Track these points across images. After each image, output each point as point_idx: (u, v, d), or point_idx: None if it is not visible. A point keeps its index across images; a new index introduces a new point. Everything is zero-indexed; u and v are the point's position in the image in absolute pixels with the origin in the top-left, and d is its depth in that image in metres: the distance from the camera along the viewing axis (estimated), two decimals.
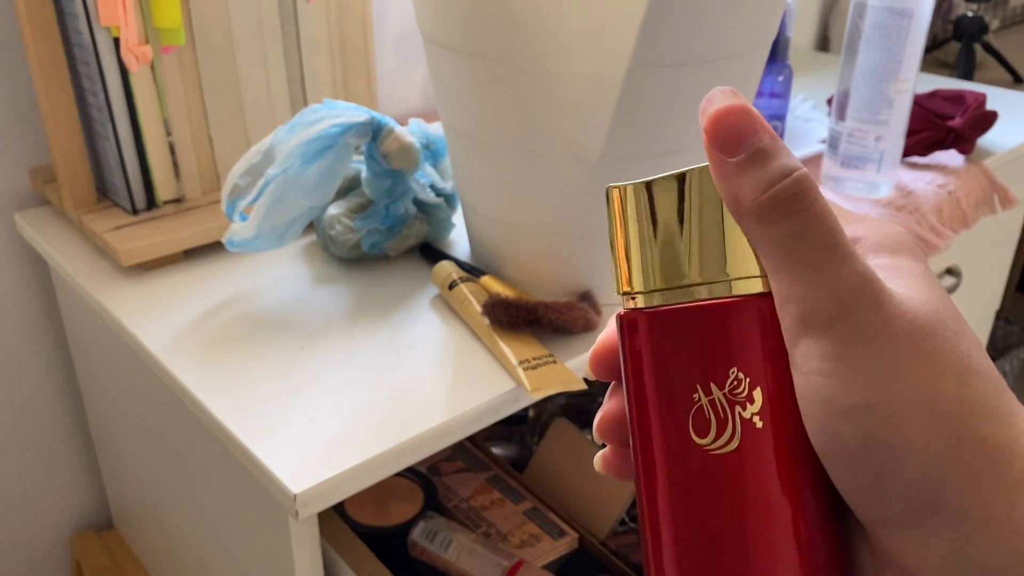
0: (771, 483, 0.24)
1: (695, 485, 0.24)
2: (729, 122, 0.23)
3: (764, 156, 0.23)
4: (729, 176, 0.23)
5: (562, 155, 0.63)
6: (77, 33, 0.72)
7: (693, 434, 0.24)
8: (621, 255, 0.26)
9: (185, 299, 0.72)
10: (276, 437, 0.57)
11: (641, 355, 0.25)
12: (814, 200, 0.22)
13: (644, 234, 0.25)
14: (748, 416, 0.24)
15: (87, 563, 0.95)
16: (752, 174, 0.23)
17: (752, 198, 0.23)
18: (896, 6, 0.87)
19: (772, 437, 0.24)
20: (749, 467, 0.24)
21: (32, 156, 0.86)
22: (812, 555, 0.24)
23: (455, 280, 0.70)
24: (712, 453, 0.24)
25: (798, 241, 0.22)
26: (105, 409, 0.88)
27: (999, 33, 2.04)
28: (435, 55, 0.67)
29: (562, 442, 0.89)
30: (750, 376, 0.24)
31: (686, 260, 0.24)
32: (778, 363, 0.24)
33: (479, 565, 0.75)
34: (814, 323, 0.22)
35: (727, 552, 0.24)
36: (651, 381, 0.25)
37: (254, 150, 0.70)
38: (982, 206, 1.05)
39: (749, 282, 0.24)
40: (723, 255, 0.24)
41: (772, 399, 0.24)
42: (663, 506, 0.25)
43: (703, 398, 0.24)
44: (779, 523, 0.24)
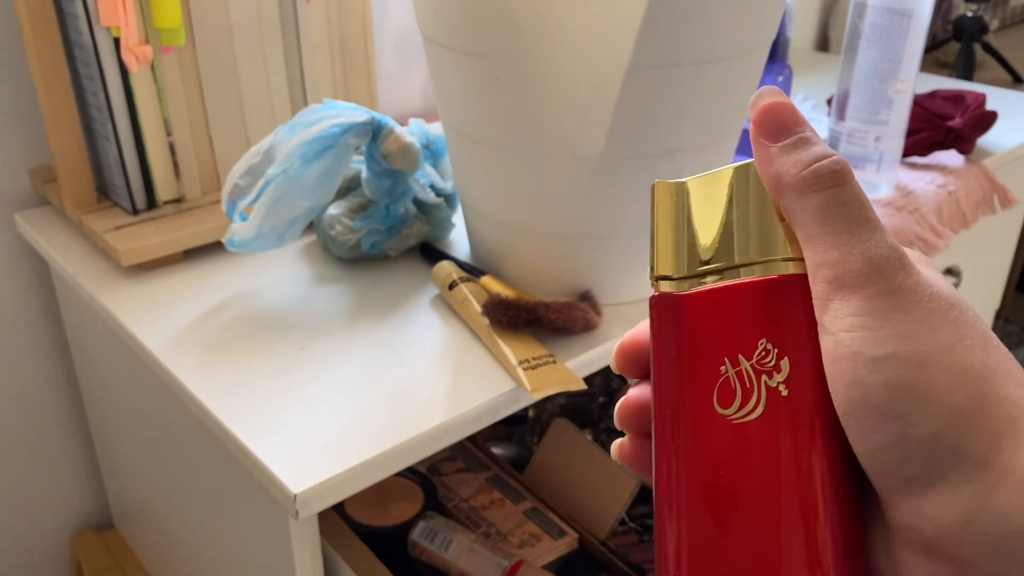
0: (792, 448, 0.24)
1: (714, 452, 0.25)
2: (776, 113, 0.26)
3: (806, 142, 0.25)
4: (773, 159, 0.25)
5: (562, 155, 0.63)
6: (77, 33, 0.72)
7: (717, 405, 0.25)
8: (659, 243, 0.27)
9: (185, 299, 0.72)
10: (276, 437, 0.57)
11: (672, 333, 0.26)
12: (851, 179, 0.25)
13: (682, 225, 0.27)
14: (774, 384, 0.25)
15: (87, 563, 0.95)
16: (794, 155, 0.25)
17: (794, 174, 0.25)
18: (896, 6, 0.87)
19: (797, 404, 0.24)
20: (771, 433, 0.24)
21: (32, 156, 0.86)
22: (829, 522, 0.24)
23: (455, 280, 0.70)
24: (735, 422, 0.25)
25: (835, 211, 0.24)
26: (105, 409, 0.88)
27: (999, 33, 2.04)
28: (435, 55, 0.67)
29: (562, 442, 0.89)
30: (779, 347, 0.25)
31: (719, 246, 0.26)
32: (807, 336, 0.25)
33: (479, 565, 0.75)
34: (846, 283, 0.24)
35: (744, 515, 0.24)
36: (680, 357, 0.26)
37: (254, 150, 0.70)
38: (982, 206, 1.05)
39: (781, 264, 0.25)
40: (759, 240, 0.26)
41: (798, 369, 0.24)
42: (680, 474, 0.25)
43: (730, 369, 0.25)
44: (795, 487, 0.24)
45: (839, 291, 0.24)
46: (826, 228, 0.24)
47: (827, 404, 0.24)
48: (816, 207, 0.24)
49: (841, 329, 0.23)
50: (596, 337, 0.67)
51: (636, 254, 0.69)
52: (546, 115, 0.62)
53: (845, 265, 0.24)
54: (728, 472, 0.25)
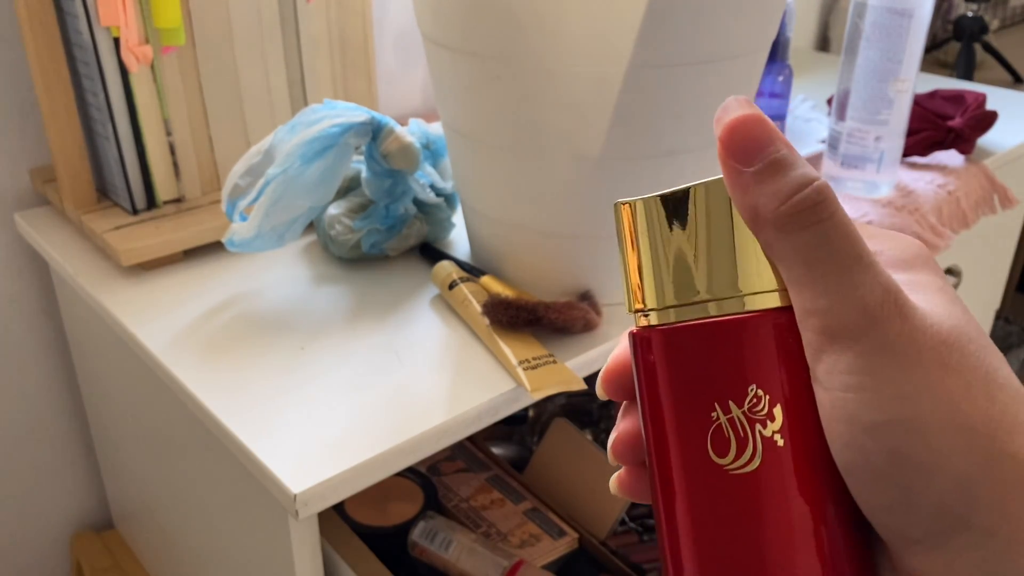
0: (793, 502, 0.23)
1: (716, 505, 0.24)
2: (745, 132, 0.22)
3: (782, 166, 0.22)
4: (746, 187, 0.23)
5: (562, 155, 0.63)
6: (77, 33, 0.72)
7: (712, 453, 0.24)
8: (632, 272, 0.25)
9: (185, 299, 0.72)
10: (276, 437, 0.57)
11: (656, 373, 0.24)
12: (835, 210, 0.22)
13: (655, 250, 0.24)
14: (769, 434, 0.23)
15: (87, 563, 0.95)
16: (771, 184, 0.22)
17: (772, 208, 0.22)
18: (896, 6, 0.87)
19: (794, 455, 0.23)
20: (771, 486, 0.23)
21: (32, 156, 0.86)
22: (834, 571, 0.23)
23: (455, 280, 0.70)
24: (732, 473, 0.23)
25: (820, 252, 0.22)
26: (105, 409, 0.88)
27: (999, 33, 2.04)
28: (435, 55, 0.67)
29: (562, 442, 0.89)
30: (770, 393, 0.23)
31: (699, 275, 0.24)
32: (798, 379, 0.23)
33: (479, 565, 0.75)
34: (838, 336, 0.22)
35: (749, 571, 0.23)
36: (667, 400, 0.24)
37: (254, 150, 0.70)
38: (982, 206, 1.05)
39: (765, 296, 0.23)
40: (737, 269, 0.24)
41: (793, 416, 0.23)
42: (683, 526, 0.24)
43: (722, 416, 0.23)
44: (802, 543, 0.23)
45: (832, 343, 0.22)
46: (812, 272, 0.22)
47: (825, 454, 0.23)
48: (799, 247, 0.22)
49: (836, 388, 0.22)
50: (596, 337, 0.67)
51: None
52: (546, 115, 0.62)
53: (837, 315, 0.22)
54: (731, 526, 0.24)
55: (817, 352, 0.22)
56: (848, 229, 0.22)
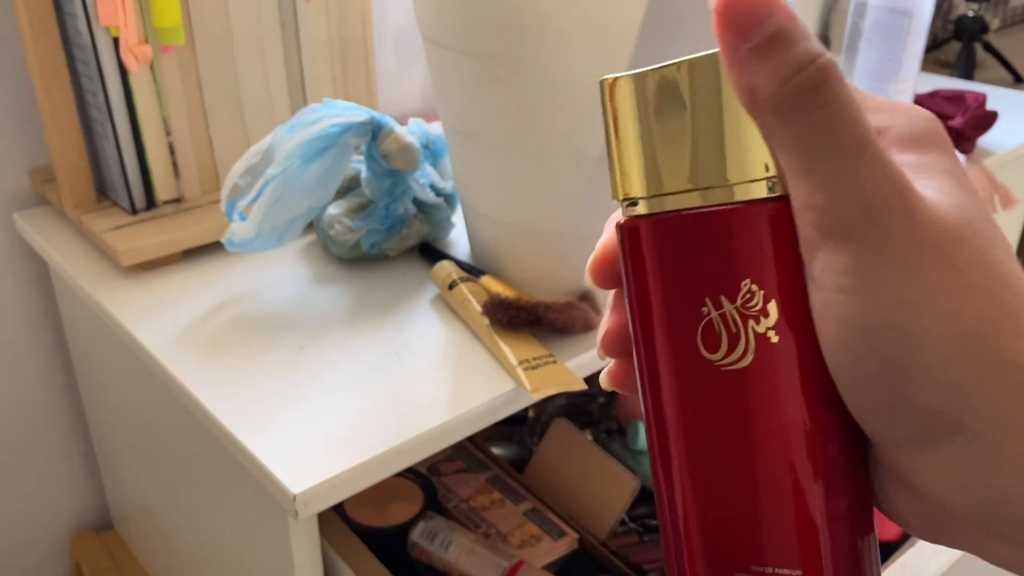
0: (787, 400, 0.22)
1: (707, 401, 0.23)
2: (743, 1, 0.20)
3: (783, 40, 0.20)
4: (743, 64, 0.21)
5: (562, 155, 0.63)
6: (77, 33, 0.72)
7: (703, 349, 0.23)
8: (619, 156, 0.23)
9: (185, 299, 0.72)
10: (276, 437, 0.57)
11: (644, 266, 0.23)
12: (840, 91, 0.20)
13: (644, 132, 0.23)
14: (762, 331, 0.22)
15: (87, 563, 0.95)
16: (770, 61, 0.20)
17: (771, 90, 0.20)
18: (896, 6, 0.87)
19: (788, 353, 0.22)
20: (764, 383, 0.22)
21: (32, 156, 0.85)
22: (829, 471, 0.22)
23: (455, 280, 0.70)
24: (723, 369, 0.23)
25: (823, 138, 0.20)
26: (105, 409, 0.88)
27: (999, 33, 2.04)
28: (435, 55, 0.67)
29: (562, 442, 0.89)
30: (764, 288, 0.22)
31: (692, 161, 0.22)
32: (795, 274, 0.22)
33: (479, 565, 0.75)
34: (837, 232, 0.20)
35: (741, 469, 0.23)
36: (655, 294, 0.23)
37: (254, 150, 0.70)
38: None
39: (762, 185, 0.22)
40: (733, 154, 0.22)
41: (788, 313, 0.22)
42: (672, 423, 0.24)
43: (713, 311, 0.22)
44: (795, 440, 0.22)
45: (828, 240, 0.20)
46: (812, 160, 0.20)
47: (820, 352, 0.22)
48: (800, 134, 0.20)
49: (830, 287, 0.21)
50: (596, 337, 0.67)
51: None
52: (546, 115, 0.62)
53: (836, 211, 0.20)
54: (721, 422, 0.23)
55: (813, 248, 0.21)
56: (854, 113, 0.20)
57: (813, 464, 0.22)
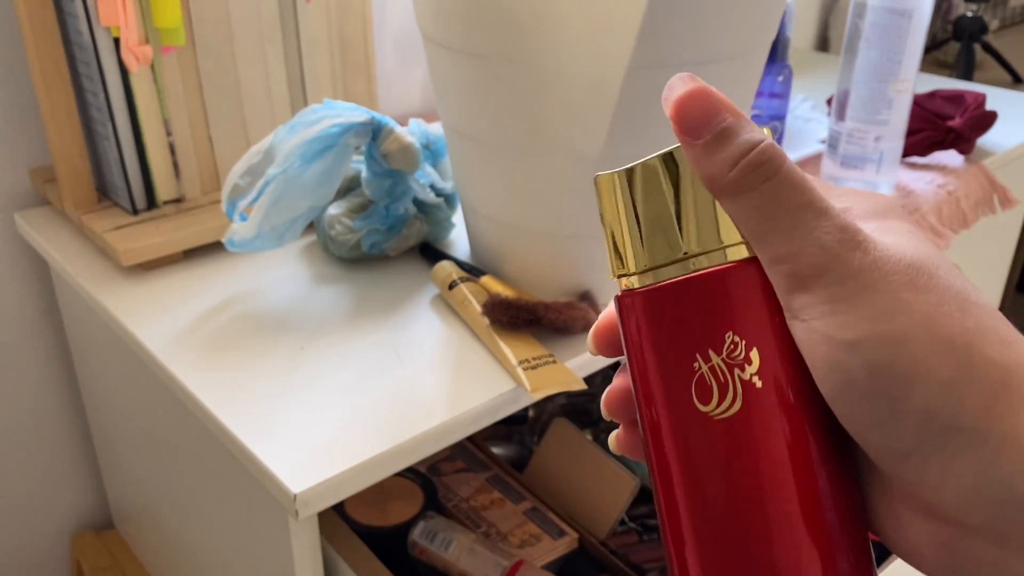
0: (777, 438, 0.24)
1: (704, 452, 0.25)
2: (692, 106, 0.24)
3: (728, 134, 0.24)
4: (699, 158, 0.24)
5: (562, 155, 0.63)
6: (77, 33, 0.72)
7: (697, 402, 0.25)
8: (613, 240, 0.27)
9: (185, 299, 0.72)
10: (276, 437, 0.57)
11: (640, 332, 0.26)
12: (781, 165, 0.23)
13: (631, 218, 0.26)
14: (748, 377, 0.24)
15: (87, 563, 0.95)
16: (720, 153, 0.24)
17: (724, 175, 0.24)
18: (896, 6, 0.87)
19: (773, 394, 0.24)
20: (754, 426, 0.24)
21: (32, 156, 0.86)
22: (827, 504, 0.24)
23: (455, 280, 0.70)
24: (716, 419, 0.25)
25: (774, 205, 0.23)
26: (105, 409, 0.88)
27: (999, 33, 2.04)
28: (435, 55, 0.67)
29: (562, 442, 0.89)
30: (745, 338, 0.24)
31: (672, 237, 0.26)
32: (771, 322, 0.24)
33: (479, 565, 0.75)
34: (806, 276, 0.23)
35: (743, 512, 0.24)
36: (652, 356, 0.26)
37: (254, 150, 0.70)
38: (982, 206, 1.05)
39: (734, 249, 0.25)
40: (706, 228, 0.25)
41: (769, 357, 0.24)
42: (675, 476, 0.25)
43: (703, 365, 0.25)
44: (790, 477, 0.24)
45: (801, 284, 0.23)
46: (769, 224, 0.23)
47: (804, 387, 0.24)
48: (755, 205, 0.23)
49: (812, 317, 0.23)
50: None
51: None
52: (546, 115, 0.62)
53: (800, 259, 0.23)
54: (720, 471, 0.24)
55: (788, 294, 0.24)
56: (796, 181, 0.23)
57: (809, 502, 0.24)
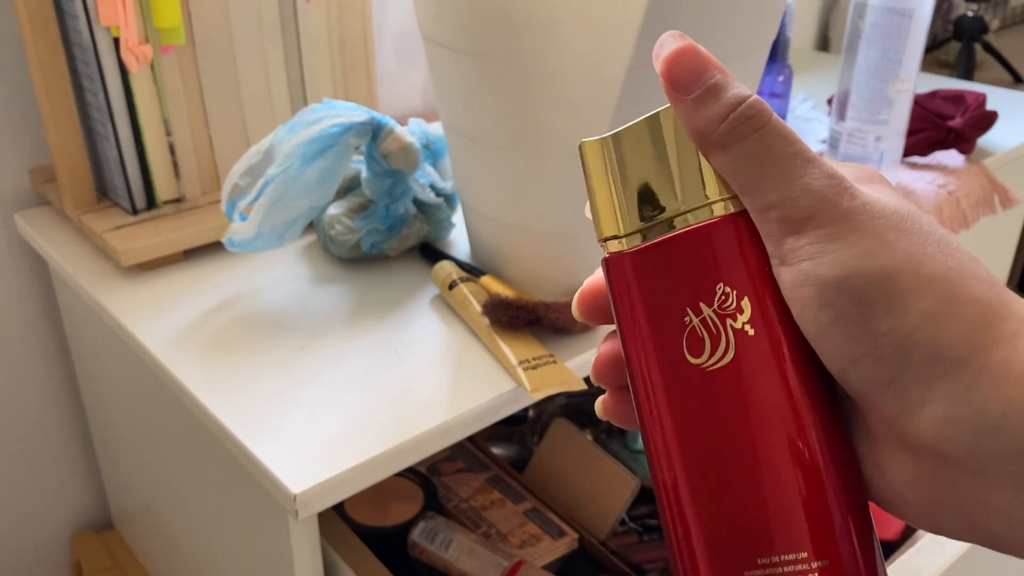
0: (771, 384, 0.24)
1: (698, 405, 0.25)
2: (682, 63, 0.25)
3: (717, 89, 0.25)
4: (689, 113, 0.25)
5: (562, 155, 0.63)
6: (77, 33, 0.72)
7: (689, 356, 0.25)
8: (598, 204, 0.27)
9: (185, 299, 0.72)
10: (276, 437, 0.57)
11: (630, 293, 0.26)
12: (769, 117, 0.24)
13: (617, 181, 0.27)
14: (740, 326, 0.25)
15: (87, 563, 0.95)
16: (709, 107, 0.25)
17: (713, 129, 0.25)
18: (896, 6, 0.87)
19: (766, 341, 0.25)
20: (746, 374, 0.25)
21: (32, 156, 0.86)
22: (820, 448, 0.24)
23: (455, 280, 0.70)
24: (709, 370, 0.25)
25: (763, 155, 0.24)
26: (105, 409, 0.88)
27: (999, 33, 2.04)
28: (435, 55, 0.67)
29: (562, 442, 0.89)
30: (736, 288, 0.25)
31: (658, 197, 0.26)
32: (760, 272, 0.25)
33: (479, 565, 0.75)
34: (795, 219, 0.24)
35: (738, 464, 0.24)
36: (642, 315, 0.26)
37: (254, 150, 0.70)
38: (982, 206, 1.05)
39: (720, 204, 0.25)
40: (691, 186, 0.26)
41: (760, 305, 0.25)
42: (668, 432, 0.25)
43: (694, 319, 0.25)
44: (784, 422, 0.24)
45: (790, 228, 0.24)
46: (759, 173, 0.24)
47: (794, 333, 0.24)
48: (744, 156, 0.24)
49: (801, 259, 0.24)
50: (596, 337, 0.67)
51: None
52: (546, 115, 0.62)
53: (789, 204, 0.24)
54: (713, 422, 0.25)
55: (778, 240, 0.24)
56: (784, 132, 0.24)
57: (805, 443, 0.24)
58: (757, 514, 0.24)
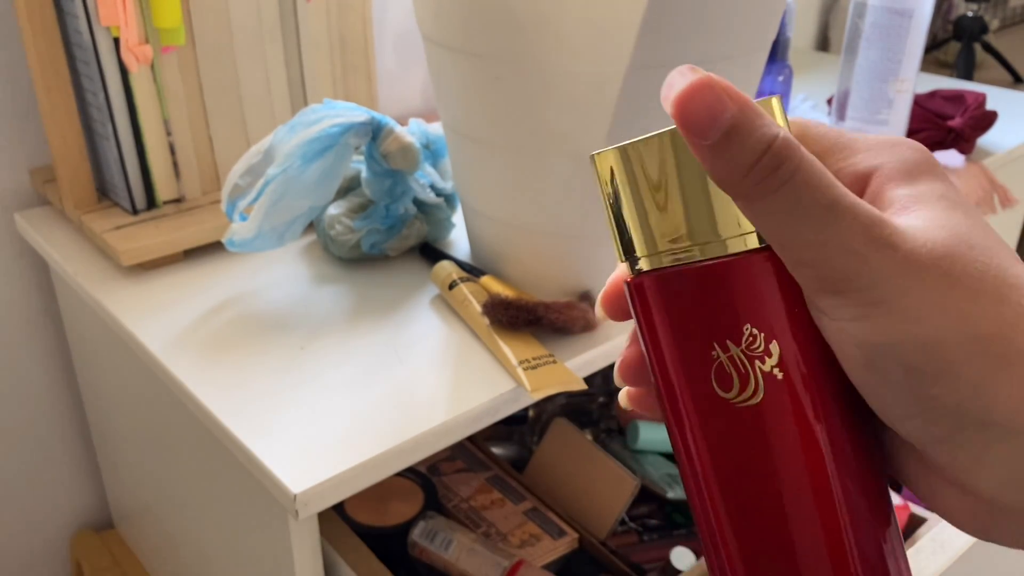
0: (798, 429, 0.24)
1: (728, 436, 0.24)
2: (695, 103, 0.22)
3: (738, 133, 0.21)
4: (709, 159, 0.22)
5: (562, 155, 0.63)
6: (77, 33, 0.72)
7: (718, 389, 0.24)
8: (618, 220, 0.25)
9: (185, 299, 0.72)
10: (276, 437, 0.57)
11: (654, 317, 0.25)
12: (798, 165, 0.21)
13: (639, 197, 0.24)
14: (768, 369, 0.24)
15: (87, 563, 0.95)
16: (730, 154, 0.21)
17: (735, 179, 0.22)
18: (896, 6, 0.87)
19: (793, 386, 0.24)
20: (775, 417, 0.24)
21: (32, 156, 0.86)
22: (846, 488, 0.24)
23: (455, 280, 0.70)
24: (739, 406, 0.24)
25: (793, 211, 0.21)
26: (105, 409, 0.88)
27: (999, 33, 2.04)
28: (435, 55, 0.67)
29: (562, 442, 0.89)
30: (764, 331, 0.24)
31: (685, 219, 0.24)
32: (792, 314, 0.23)
33: (479, 565, 0.75)
34: (833, 283, 0.22)
35: (767, 497, 0.24)
36: (667, 342, 0.25)
37: (254, 150, 0.70)
38: (982, 206, 1.05)
39: (749, 238, 0.24)
40: (722, 213, 0.24)
41: (789, 351, 0.24)
42: (700, 458, 0.25)
43: (721, 355, 0.24)
44: (810, 463, 0.24)
45: (828, 287, 0.22)
46: (790, 231, 0.22)
47: (828, 376, 0.24)
48: (772, 211, 0.22)
49: (842, 319, 0.22)
50: (596, 337, 0.67)
51: None
52: (546, 115, 0.62)
53: (825, 266, 0.22)
54: (740, 455, 0.24)
55: (814, 296, 0.23)
56: (816, 180, 0.21)
57: (831, 484, 0.24)
58: (785, 545, 0.24)
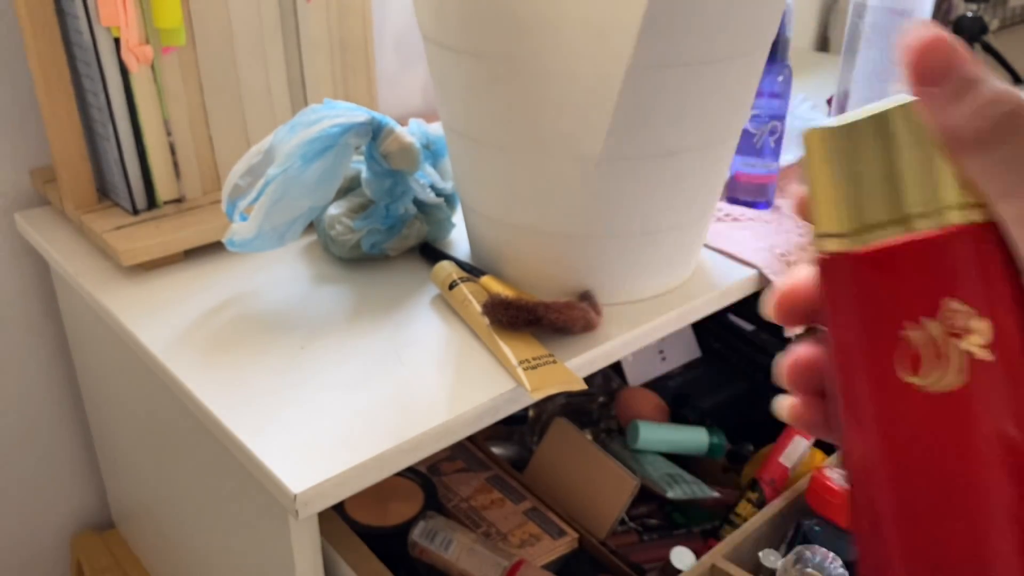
0: (1006, 420, 0.22)
1: (910, 428, 0.23)
2: (934, 51, 0.23)
3: (973, 81, 0.22)
4: (940, 108, 0.23)
5: (562, 155, 0.63)
6: (77, 33, 0.72)
7: (907, 373, 0.23)
8: (819, 197, 0.25)
9: (185, 299, 0.72)
10: (276, 437, 0.57)
11: (850, 298, 0.24)
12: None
13: (842, 175, 0.24)
14: (973, 349, 0.22)
15: (87, 563, 0.95)
16: (965, 102, 0.22)
17: (970, 126, 0.22)
18: (896, 6, 0.87)
19: (1009, 368, 0.22)
20: (978, 403, 0.22)
21: (32, 156, 0.86)
22: None
23: (455, 280, 0.70)
24: (928, 392, 0.23)
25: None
26: (105, 409, 0.88)
27: (999, 33, 2.04)
28: (435, 55, 0.67)
29: (562, 442, 0.89)
30: (974, 305, 0.22)
31: (889, 198, 0.24)
32: (1007, 291, 0.22)
33: (479, 565, 0.75)
34: None
35: (951, 498, 0.22)
36: (859, 322, 0.24)
37: (254, 150, 0.70)
38: None
39: (958, 212, 0.23)
40: (927, 188, 0.23)
41: (1006, 329, 0.22)
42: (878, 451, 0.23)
43: (917, 334, 0.23)
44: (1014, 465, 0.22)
45: None
46: (1019, 179, 0.22)
47: None
48: (1004, 159, 0.22)
49: None
50: (596, 337, 0.67)
51: (636, 254, 0.69)
52: (546, 115, 0.62)
53: None
54: (927, 449, 0.23)
55: None
56: None
57: None
58: (973, 552, 0.22)
